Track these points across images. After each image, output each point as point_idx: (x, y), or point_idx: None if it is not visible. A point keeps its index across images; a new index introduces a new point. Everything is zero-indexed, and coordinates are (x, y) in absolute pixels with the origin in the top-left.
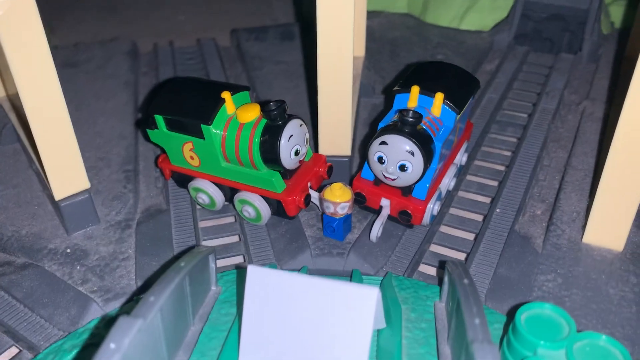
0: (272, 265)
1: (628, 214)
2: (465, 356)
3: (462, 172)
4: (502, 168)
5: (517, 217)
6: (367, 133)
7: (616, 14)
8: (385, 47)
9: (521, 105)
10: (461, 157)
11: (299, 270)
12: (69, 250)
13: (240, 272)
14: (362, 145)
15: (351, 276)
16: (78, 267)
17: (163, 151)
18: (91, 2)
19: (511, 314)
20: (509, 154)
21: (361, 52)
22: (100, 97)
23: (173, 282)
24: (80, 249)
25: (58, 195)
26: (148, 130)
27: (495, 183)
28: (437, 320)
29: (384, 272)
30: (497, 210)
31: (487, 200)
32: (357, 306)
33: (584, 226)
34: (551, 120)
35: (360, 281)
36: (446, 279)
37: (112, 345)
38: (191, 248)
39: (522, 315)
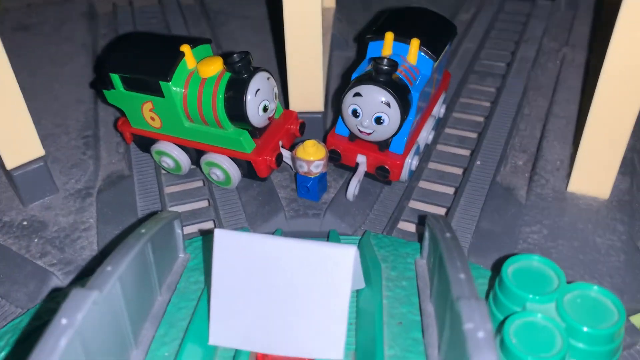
0: (245, 230)
1: (613, 160)
2: (451, 313)
3: (440, 124)
4: (481, 119)
5: (498, 169)
6: (340, 87)
7: None
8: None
9: (499, 54)
10: (439, 109)
11: (272, 234)
12: (25, 223)
13: (207, 237)
14: (336, 100)
15: (328, 237)
16: (36, 240)
17: (123, 113)
18: None
19: (496, 268)
20: (488, 104)
21: (331, 2)
22: (56, 61)
23: (133, 250)
24: (38, 221)
25: (10, 164)
26: (105, 91)
27: (474, 135)
28: (418, 278)
29: (362, 232)
30: (478, 162)
31: (467, 153)
32: (333, 267)
33: (568, 175)
34: (530, 68)
35: (338, 241)
36: (427, 234)
37: (64, 321)
38: (154, 214)
39: (508, 269)
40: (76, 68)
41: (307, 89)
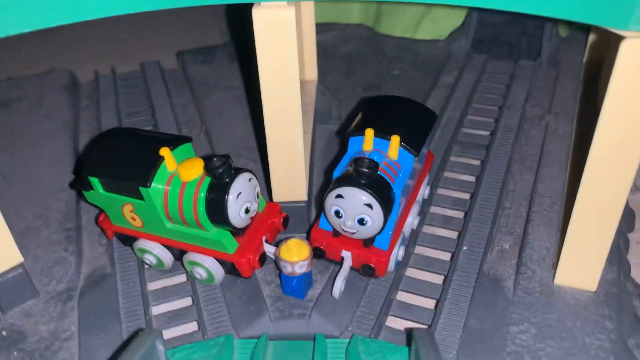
0: (229, 337)
1: (600, 253)
2: None
3: (425, 203)
4: (466, 197)
5: (485, 255)
6: (326, 167)
7: None
8: (340, 65)
9: (482, 122)
10: (423, 191)
11: (257, 339)
12: (4, 333)
13: (191, 347)
14: (321, 186)
15: (314, 341)
16: (15, 353)
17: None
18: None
19: None
20: (472, 179)
21: (313, 74)
22: (36, 142)
23: None
24: (17, 331)
25: None
26: (84, 192)
27: (460, 214)
28: None
29: (349, 332)
30: (464, 247)
31: (454, 235)
32: None
33: (554, 264)
34: (514, 139)
35: (324, 347)
36: (414, 347)
37: None
38: (136, 333)
39: None
40: (57, 149)
41: (290, 180)
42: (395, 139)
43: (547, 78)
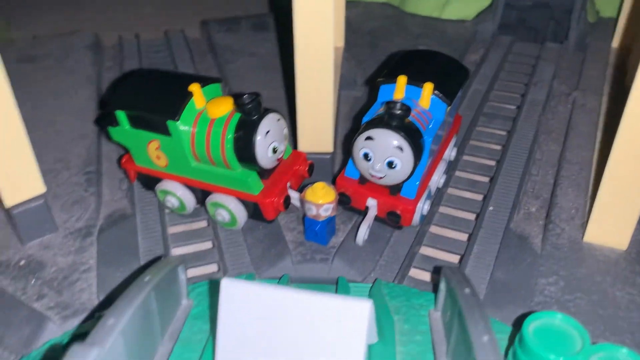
0: (250, 275)
1: (632, 211)
2: None
3: (451, 167)
4: (492, 163)
5: (511, 215)
6: (349, 128)
7: (601, 2)
8: (365, 38)
9: (509, 96)
10: (450, 152)
11: (279, 280)
12: (23, 262)
13: (213, 284)
14: (344, 141)
15: (337, 284)
16: (33, 281)
17: (127, 150)
18: None
19: (516, 323)
20: (498, 148)
21: (340, 42)
22: (60, 94)
23: (135, 301)
24: (36, 261)
25: (9, 202)
26: (109, 128)
27: (486, 179)
28: (432, 332)
29: (372, 279)
30: (490, 208)
31: (479, 197)
32: (347, 322)
33: (583, 224)
34: (541, 111)
35: (347, 289)
36: (442, 286)
37: None
38: (158, 258)
39: (529, 326)
40: (80, 101)
41: (317, 130)
42: (428, 86)
43: (573, 60)
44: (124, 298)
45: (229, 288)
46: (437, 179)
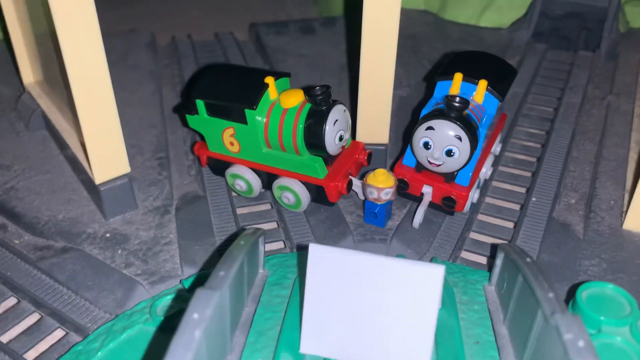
0: None
1: None
2: (541, 331)
3: (495, 162)
4: (533, 159)
5: (553, 206)
6: (395, 123)
7: (632, 13)
8: (407, 42)
9: (546, 99)
10: (496, 147)
11: None
12: (108, 235)
13: (285, 256)
14: (392, 136)
15: None
16: (119, 251)
17: (201, 138)
18: None
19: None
20: (538, 146)
21: None
22: (125, 87)
23: (238, 259)
24: (120, 234)
25: (99, 179)
26: (187, 116)
27: (528, 174)
28: (489, 303)
29: (427, 258)
30: (533, 199)
31: (522, 190)
32: (423, 284)
33: (622, 213)
34: (577, 113)
35: None
36: (498, 261)
37: (196, 316)
38: (234, 234)
39: (582, 293)
40: (145, 94)
41: (375, 122)
42: (482, 83)
43: (606, 67)
44: (228, 256)
45: (317, 252)
46: (486, 170)
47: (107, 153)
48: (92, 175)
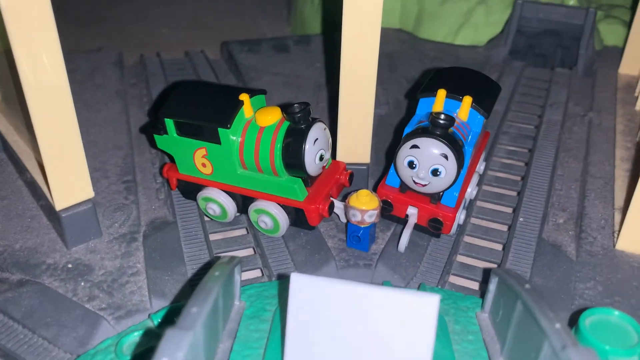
0: None
1: None
2: None
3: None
4: (517, 178)
5: (542, 226)
6: (375, 142)
7: (605, 31)
8: (383, 61)
9: (526, 116)
10: (480, 166)
11: None
12: (70, 265)
13: (262, 286)
14: (372, 155)
15: None
16: (82, 283)
17: (170, 159)
18: (70, 15)
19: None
20: (522, 164)
21: None
22: (91, 106)
23: (212, 293)
24: (83, 264)
25: (60, 205)
26: (156, 136)
27: (513, 193)
28: (483, 332)
29: (414, 284)
30: (521, 219)
31: (508, 210)
32: (416, 315)
33: (613, 233)
34: (560, 130)
35: None
36: (491, 287)
37: None
38: (207, 263)
39: (586, 321)
40: (111, 114)
41: (356, 141)
42: (467, 99)
43: (584, 84)
44: (201, 290)
45: (299, 282)
46: (471, 190)
47: (68, 177)
48: (53, 201)
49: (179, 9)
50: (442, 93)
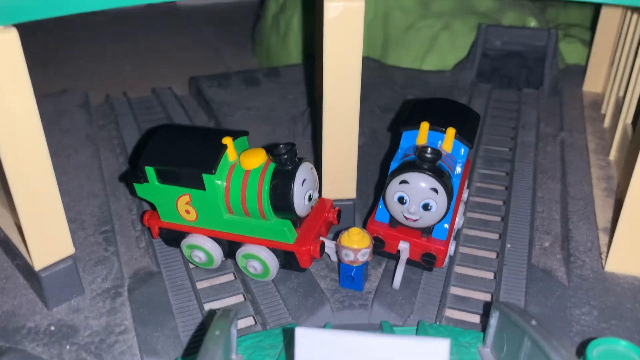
0: (292, 325)
1: None
2: None
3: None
4: (499, 203)
5: (530, 251)
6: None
7: (566, 49)
8: None
9: (500, 139)
10: (464, 194)
11: (323, 327)
12: (53, 328)
13: (257, 336)
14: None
15: (381, 329)
16: (68, 347)
17: (150, 206)
18: (27, 54)
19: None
20: (502, 188)
21: None
22: (60, 153)
23: (216, 356)
24: (67, 325)
25: (39, 264)
26: (136, 185)
27: (497, 218)
28: None
29: (413, 321)
30: (508, 245)
31: (494, 236)
32: None
33: (601, 254)
34: (535, 151)
35: (392, 333)
36: (493, 322)
37: None
38: (210, 314)
39: (593, 352)
40: (82, 160)
41: (341, 177)
42: (450, 131)
43: (551, 104)
44: (205, 353)
45: (304, 337)
46: (459, 220)
47: (47, 234)
48: (31, 261)
49: (140, 44)
50: (425, 126)
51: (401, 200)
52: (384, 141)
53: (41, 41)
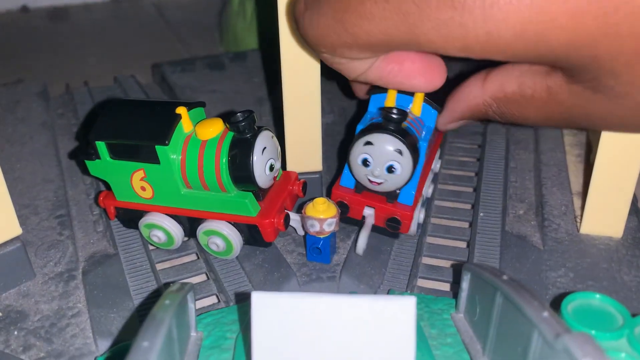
0: None
1: (624, 200)
2: (543, 356)
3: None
4: (472, 174)
5: (503, 219)
6: (324, 151)
7: None
8: (323, 67)
9: None
10: (436, 164)
11: None
12: (0, 314)
13: (219, 312)
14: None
15: None
16: (16, 332)
17: (106, 186)
18: None
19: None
20: (474, 160)
21: None
22: (14, 141)
23: (164, 324)
24: (15, 310)
25: None
26: (87, 162)
27: (469, 189)
28: (461, 333)
29: (382, 291)
30: (481, 214)
31: (467, 206)
32: (394, 321)
33: (575, 218)
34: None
35: None
36: (464, 284)
37: None
38: (165, 287)
39: (568, 307)
40: (38, 147)
41: (306, 149)
42: (419, 95)
43: None
44: (151, 321)
45: (261, 301)
46: (427, 188)
47: None
48: None
49: (105, 37)
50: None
51: (365, 162)
52: (354, 120)
53: (1, 35)
